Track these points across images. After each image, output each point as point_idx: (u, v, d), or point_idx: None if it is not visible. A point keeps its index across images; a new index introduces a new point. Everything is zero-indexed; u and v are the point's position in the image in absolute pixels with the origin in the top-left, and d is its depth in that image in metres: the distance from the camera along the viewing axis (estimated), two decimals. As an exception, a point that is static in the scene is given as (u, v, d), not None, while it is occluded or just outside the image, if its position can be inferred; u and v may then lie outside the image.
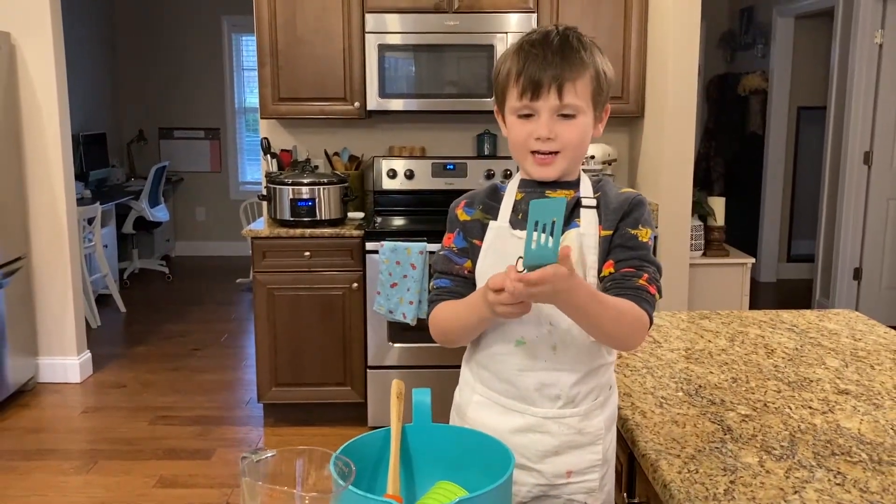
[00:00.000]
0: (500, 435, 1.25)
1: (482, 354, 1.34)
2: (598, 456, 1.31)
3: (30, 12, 3.88)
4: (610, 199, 1.32)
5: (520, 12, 3.52)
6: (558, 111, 1.25)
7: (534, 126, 1.26)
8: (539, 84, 1.24)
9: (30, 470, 3.18)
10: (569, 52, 1.25)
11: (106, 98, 7.05)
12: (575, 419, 1.29)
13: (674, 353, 1.76)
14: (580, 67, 1.25)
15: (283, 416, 3.63)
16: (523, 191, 1.35)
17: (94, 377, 4.25)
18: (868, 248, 5.11)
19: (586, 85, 1.26)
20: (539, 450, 1.29)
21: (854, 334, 1.89)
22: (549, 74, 1.23)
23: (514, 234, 1.31)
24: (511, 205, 1.34)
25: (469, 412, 1.36)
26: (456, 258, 1.37)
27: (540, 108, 1.25)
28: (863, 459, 1.23)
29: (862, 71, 4.97)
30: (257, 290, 3.47)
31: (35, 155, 3.98)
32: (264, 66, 3.59)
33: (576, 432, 1.29)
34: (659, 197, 3.50)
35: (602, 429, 1.31)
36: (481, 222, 1.35)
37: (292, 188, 3.45)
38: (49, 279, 4.08)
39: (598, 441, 1.30)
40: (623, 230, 1.29)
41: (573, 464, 1.30)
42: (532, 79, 1.24)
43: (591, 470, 1.31)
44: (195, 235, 7.55)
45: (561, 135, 1.26)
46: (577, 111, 1.26)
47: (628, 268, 1.26)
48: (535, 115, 1.26)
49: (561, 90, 1.24)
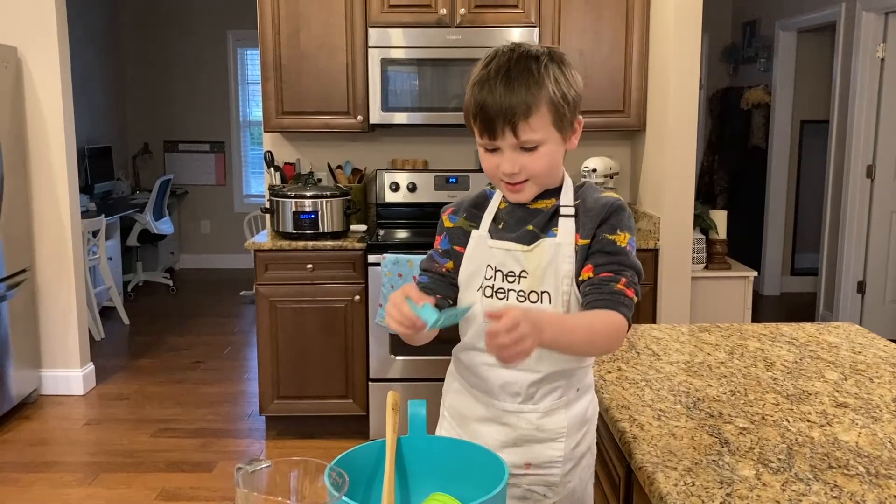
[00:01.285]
0: (468, 422, 1.40)
1: (461, 348, 1.42)
2: (560, 453, 1.36)
3: (36, 27, 3.91)
4: (588, 206, 1.34)
5: (522, 27, 3.54)
6: (519, 146, 1.27)
7: (499, 160, 1.29)
8: (493, 126, 1.25)
9: (32, 482, 3.18)
10: (518, 87, 1.23)
11: (111, 111, 7.09)
12: (534, 416, 1.35)
13: (673, 366, 1.76)
14: (531, 102, 1.23)
15: (286, 428, 3.63)
16: (506, 199, 1.39)
17: (97, 389, 4.25)
18: (871, 262, 5.11)
19: (542, 117, 1.25)
20: (498, 439, 1.36)
21: (854, 347, 1.89)
22: (501, 116, 1.23)
23: (489, 244, 1.36)
24: (493, 214, 1.39)
25: (448, 398, 1.47)
26: (439, 258, 1.44)
27: (501, 146, 1.27)
28: (860, 472, 1.23)
29: (864, 85, 4.98)
30: (260, 303, 3.48)
31: (40, 168, 4.01)
32: (268, 80, 3.61)
33: (535, 428, 1.35)
34: (661, 210, 3.51)
35: (564, 427, 1.35)
36: (464, 230, 1.41)
37: (295, 201, 3.47)
38: (53, 291, 4.09)
39: (559, 438, 1.36)
40: (601, 236, 1.31)
41: (531, 457, 1.36)
42: (486, 121, 1.25)
43: (552, 465, 1.36)
44: (199, 248, 7.57)
45: (526, 166, 1.28)
46: (538, 143, 1.26)
47: (606, 272, 1.29)
48: (498, 150, 1.28)
49: (515, 129, 1.24)
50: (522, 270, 1.32)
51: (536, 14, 3.56)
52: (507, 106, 1.23)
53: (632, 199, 3.98)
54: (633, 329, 2.06)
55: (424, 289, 1.39)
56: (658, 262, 3.47)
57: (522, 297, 1.32)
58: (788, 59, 6.14)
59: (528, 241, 1.33)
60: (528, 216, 1.36)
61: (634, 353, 1.85)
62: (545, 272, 1.31)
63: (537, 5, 3.55)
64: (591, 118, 3.63)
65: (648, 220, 3.62)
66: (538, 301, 1.32)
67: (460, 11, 3.52)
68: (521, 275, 1.33)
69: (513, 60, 1.25)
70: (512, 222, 1.37)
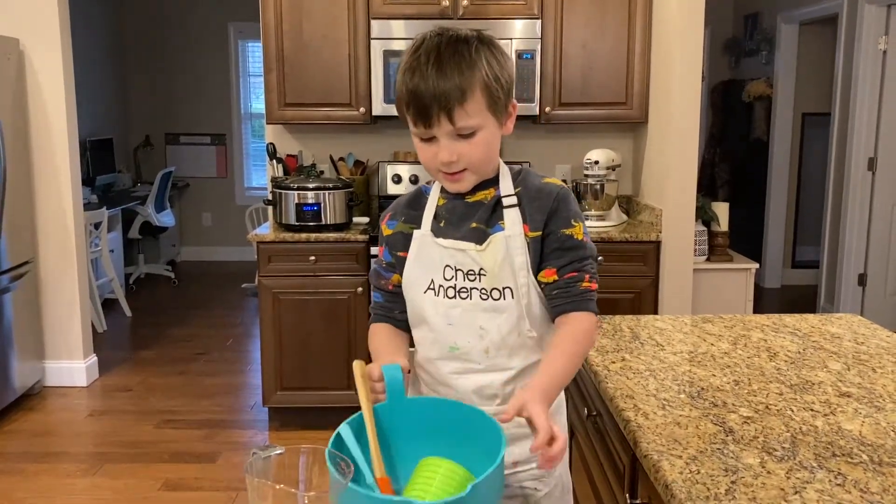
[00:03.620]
0: None
1: (422, 359, 1.39)
2: None
3: (38, 19, 3.91)
4: (531, 192, 1.32)
5: (525, 18, 3.54)
6: (455, 133, 1.23)
7: (436, 149, 1.25)
8: (428, 114, 1.21)
9: (36, 473, 3.20)
10: (450, 72, 1.19)
11: (113, 104, 7.09)
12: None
13: (677, 357, 1.77)
14: (465, 87, 1.20)
15: (288, 419, 3.64)
16: (445, 195, 1.37)
17: (100, 381, 4.27)
18: (872, 254, 5.11)
19: (477, 101, 1.22)
20: None
21: (856, 338, 1.90)
22: (435, 102, 1.19)
23: (436, 241, 1.34)
24: (433, 211, 1.37)
25: None
26: (383, 272, 1.43)
27: (436, 134, 1.24)
28: (863, 461, 1.24)
29: (866, 77, 4.98)
30: (262, 295, 3.49)
31: (43, 160, 4.01)
32: (270, 71, 3.61)
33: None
34: (663, 202, 3.51)
35: None
36: (404, 233, 1.38)
37: (298, 193, 3.47)
38: (56, 283, 4.10)
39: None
40: (556, 232, 1.30)
41: (517, 454, 1.35)
42: (419, 109, 1.21)
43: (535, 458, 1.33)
44: (201, 240, 7.58)
45: (464, 155, 1.25)
46: (475, 128, 1.23)
47: (571, 272, 1.29)
48: (434, 139, 1.25)
49: (451, 115, 1.20)
50: (481, 268, 1.31)
51: (539, 6, 3.55)
52: (440, 91, 1.18)
53: (634, 192, 3.99)
54: (636, 320, 2.07)
55: (381, 308, 1.43)
56: (660, 254, 3.48)
57: (485, 295, 1.31)
58: (790, 52, 6.13)
59: (479, 240, 1.31)
60: (469, 210, 1.33)
61: (638, 344, 1.86)
62: (502, 268, 1.30)
63: (540, -3, 3.55)
64: (593, 110, 3.66)
65: (650, 212, 3.63)
66: (501, 298, 1.30)
67: (463, 3, 3.52)
68: (480, 272, 1.31)
69: (443, 45, 1.22)
70: (454, 219, 1.34)
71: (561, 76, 3.62)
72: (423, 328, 1.37)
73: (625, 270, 3.45)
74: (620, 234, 3.45)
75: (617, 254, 3.43)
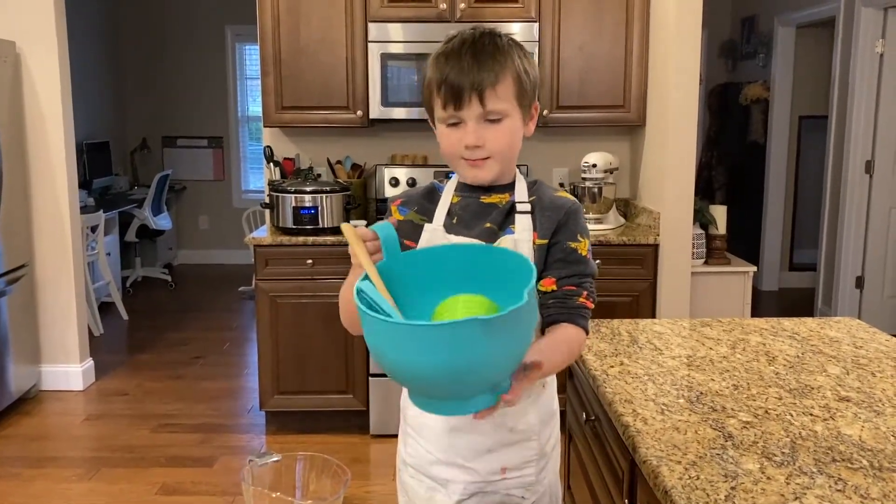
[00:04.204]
0: (437, 436, 1.35)
1: None
2: (533, 451, 1.36)
3: (35, 21, 3.90)
4: (545, 203, 1.33)
5: (522, 21, 3.54)
6: (484, 117, 1.26)
7: (461, 134, 1.27)
8: (460, 94, 1.24)
9: (32, 477, 3.18)
10: (485, 58, 1.24)
11: (110, 107, 7.08)
12: (507, 417, 1.33)
13: (675, 361, 1.76)
14: (499, 71, 1.25)
15: (286, 423, 3.63)
16: (460, 194, 1.38)
17: (96, 385, 4.25)
18: (870, 257, 5.11)
19: (508, 87, 1.26)
20: (473, 449, 1.34)
21: (855, 342, 1.90)
22: (468, 83, 1.23)
23: (447, 237, 1.34)
24: (447, 208, 1.37)
25: (410, 412, 1.43)
26: None
27: (465, 117, 1.26)
28: (863, 466, 1.23)
29: (863, 80, 4.98)
30: (260, 298, 3.48)
31: (39, 163, 4.00)
32: (267, 75, 3.60)
33: (508, 430, 1.33)
34: (661, 205, 3.51)
35: (536, 424, 1.35)
36: (414, 223, 1.39)
37: (295, 196, 3.47)
38: (52, 287, 4.09)
39: (531, 437, 1.35)
40: (563, 243, 1.31)
41: (507, 461, 1.35)
42: (452, 89, 1.24)
43: (527, 465, 1.36)
44: (198, 243, 7.57)
45: (489, 141, 1.27)
46: (502, 115, 1.26)
47: (570, 286, 1.29)
48: (461, 123, 1.27)
49: (482, 97, 1.24)
50: None
51: (536, 9, 3.55)
52: (475, 73, 1.23)
53: (631, 195, 3.98)
54: (634, 323, 2.06)
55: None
56: (658, 258, 3.47)
57: None
58: (787, 55, 6.14)
59: (490, 240, 1.31)
60: (482, 211, 1.35)
61: (637, 348, 1.85)
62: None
63: (537, 0, 3.55)
64: (591, 113, 3.65)
65: (648, 215, 3.62)
66: None
67: (460, 6, 3.51)
68: None
69: (477, 36, 1.27)
70: (467, 217, 1.35)
71: (558, 79, 3.62)
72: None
73: (622, 274, 3.45)
74: (618, 238, 3.45)
75: (615, 257, 3.43)
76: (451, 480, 1.36)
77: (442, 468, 1.37)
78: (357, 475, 3.21)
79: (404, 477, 1.46)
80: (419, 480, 1.41)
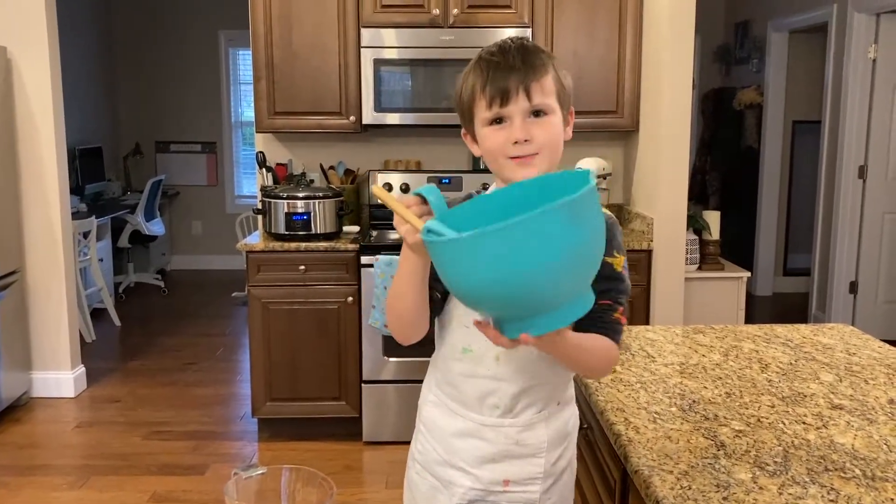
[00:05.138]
0: (445, 437, 1.36)
1: (437, 357, 1.40)
2: (540, 469, 1.33)
3: (26, 26, 3.88)
4: None
5: (515, 27, 3.53)
6: (530, 112, 1.26)
7: (508, 132, 1.27)
8: (506, 90, 1.25)
9: (22, 486, 3.15)
10: (529, 56, 1.26)
11: (102, 112, 7.05)
12: (513, 430, 1.32)
13: (668, 368, 1.75)
14: (542, 68, 1.27)
15: (278, 430, 3.61)
16: None
17: (88, 392, 4.23)
18: (864, 262, 5.12)
19: (550, 84, 1.28)
20: (476, 455, 1.33)
21: (848, 349, 1.89)
22: (514, 79, 1.25)
23: None
24: None
25: (424, 410, 1.43)
26: None
27: (511, 113, 1.26)
28: (856, 475, 1.22)
29: (856, 85, 4.99)
30: (252, 304, 3.46)
31: (30, 169, 3.98)
32: (260, 80, 3.59)
33: (514, 443, 1.32)
34: (654, 211, 3.50)
35: (544, 442, 1.33)
36: None
37: (287, 202, 3.45)
38: (44, 293, 4.06)
39: (539, 454, 1.33)
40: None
41: (511, 473, 1.33)
42: (499, 86, 1.25)
43: (531, 482, 1.33)
44: (191, 249, 7.54)
45: (536, 136, 1.26)
46: (548, 109, 1.27)
47: (606, 300, 1.27)
48: (507, 121, 1.27)
49: (529, 91, 1.25)
50: None
51: (529, 14, 3.55)
52: (520, 70, 1.25)
53: (625, 200, 3.98)
54: (627, 331, 2.05)
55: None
56: (651, 263, 3.47)
57: None
58: (780, 60, 6.15)
59: None
60: None
61: (629, 355, 1.84)
62: None
63: (530, 6, 3.55)
64: (584, 118, 3.64)
65: (641, 220, 3.62)
66: None
67: (453, 12, 3.51)
68: None
69: (515, 40, 1.30)
70: None
71: (551, 85, 3.60)
72: (447, 328, 1.36)
73: (616, 279, 3.43)
74: (612, 243, 3.44)
75: (608, 263, 3.41)
76: (453, 483, 1.36)
77: (446, 469, 1.37)
78: (350, 482, 3.20)
79: (411, 473, 1.46)
80: (423, 478, 1.41)
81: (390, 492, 3.11)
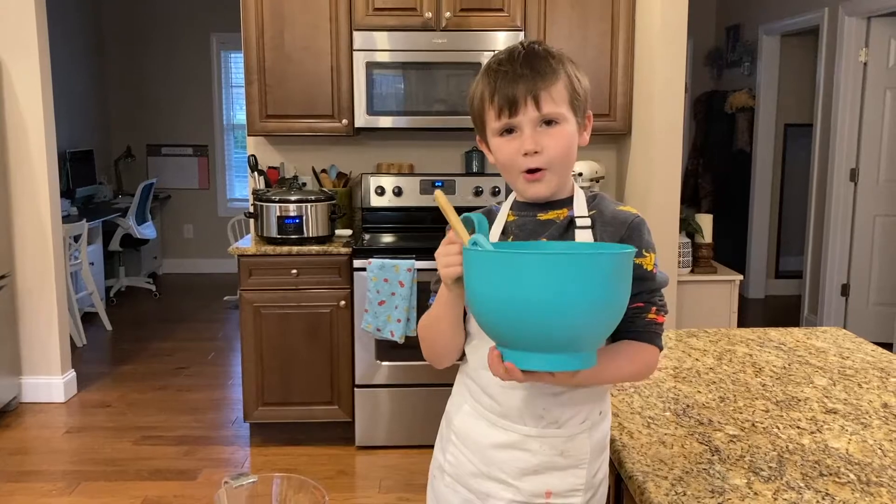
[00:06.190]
0: (482, 449, 1.30)
1: (471, 368, 1.33)
2: (582, 480, 1.28)
3: (15, 29, 3.86)
4: (606, 218, 1.29)
5: (508, 30, 3.53)
6: (540, 122, 1.24)
7: (518, 142, 1.25)
8: (514, 99, 1.23)
9: (12, 492, 3.13)
10: (537, 63, 1.24)
11: (93, 115, 7.02)
12: (558, 440, 1.27)
13: (661, 372, 1.74)
14: (551, 76, 1.24)
15: (270, 435, 3.59)
16: (516, 213, 1.34)
17: (78, 396, 4.20)
18: (855, 265, 5.13)
19: (561, 91, 1.25)
20: (518, 467, 1.28)
21: (841, 352, 1.89)
22: (522, 88, 1.23)
23: None
24: (502, 226, 1.33)
25: (456, 420, 1.36)
26: None
27: (521, 123, 1.24)
28: (851, 480, 1.22)
29: (847, 89, 5.01)
30: (244, 308, 3.45)
31: (21, 172, 3.95)
32: (252, 83, 3.58)
33: (558, 454, 1.27)
34: (647, 214, 3.49)
35: (587, 453, 1.28)
36: None
37: (279, 205, 3.44)
38: (34, 297, 4.04)
39: (581, 465, 1.28)
40: None
41: (553, 485, 1.28)
42: (506, 96, 1.23)
43: (573, 493, 1.28)
44: (182, 253, 7.51)
45: (547, 147, 1.24)
46: (558, 118, 1.25)
47: (638, 303, 1.25)
48: (517, 131, 1.25)
49: (537, 100, 1.23)
50: None
51: (522, 18, 3.55)
52: (528, 78, 1.23)
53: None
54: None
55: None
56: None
57: None
58: (772, 63, 6.17)
59: None
60: (539, 228, 1.30)
61: (623, 359, 1.84)
62: None
63: (523, 9, 3.55)
64: (576, 122, 3.64)
65: (634, 223, 3.61)
66: None
67: (446, 15, 3.50)
68: None
69: (526, 45, 1.28)
70: (523, 235, 1.31)
71: (544, 88, 3.60)
72: (477, 337, 1.31)
73: (609, 283, 3.43)
74: (604, 247, 3.44)
75: (601, 266, 3.41)
76: (490, 495, 1.30)
77: (483, 481, 1.31)
78: (342, 487, 3.18)
79: (439, 486, 1.39)
80: (455, 491, 1.35)
81: (383, 496, 3.10)
